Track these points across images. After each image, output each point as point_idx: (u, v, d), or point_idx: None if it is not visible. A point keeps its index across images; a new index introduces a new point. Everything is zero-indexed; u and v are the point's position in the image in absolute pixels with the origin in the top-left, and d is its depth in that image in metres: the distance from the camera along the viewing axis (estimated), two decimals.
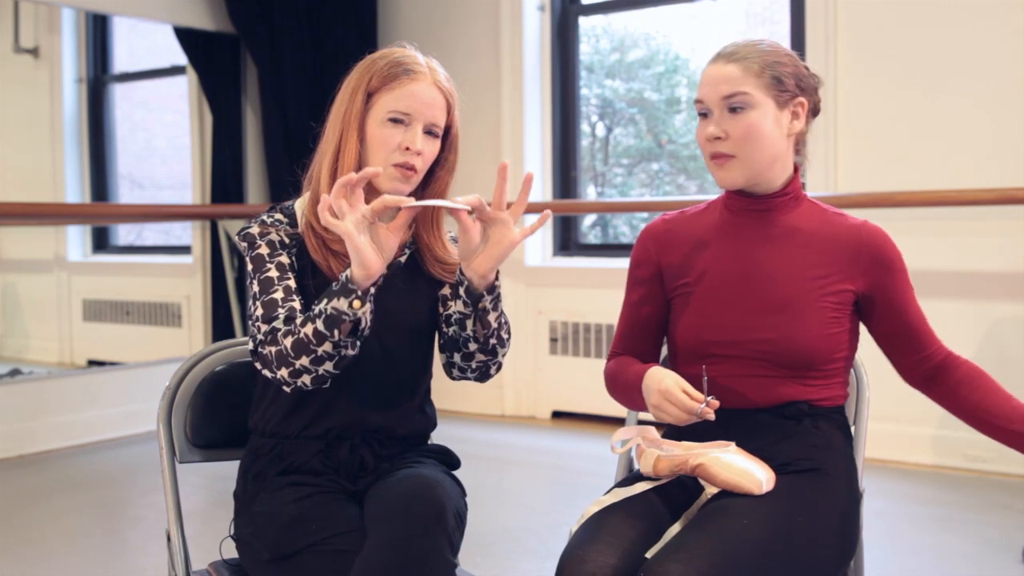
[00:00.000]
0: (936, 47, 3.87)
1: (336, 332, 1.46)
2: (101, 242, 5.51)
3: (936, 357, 1.67)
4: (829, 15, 4.05)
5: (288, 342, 1.50)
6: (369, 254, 1.44)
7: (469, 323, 1.60)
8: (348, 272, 1.47)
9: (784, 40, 4.41)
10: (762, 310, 1.60)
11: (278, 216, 1.64)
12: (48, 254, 5.39)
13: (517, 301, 4.98)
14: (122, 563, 2.99)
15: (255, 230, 1.61)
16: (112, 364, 5.20)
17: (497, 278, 1.58)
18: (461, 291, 1.58)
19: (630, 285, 1.76)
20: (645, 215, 4.94)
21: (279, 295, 1.56)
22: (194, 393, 1.73)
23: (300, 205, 1.66)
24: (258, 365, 1.56)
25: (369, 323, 1.50)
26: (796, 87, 1.62)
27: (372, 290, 1.48)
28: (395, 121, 1.59)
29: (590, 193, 5.33)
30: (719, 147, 1.60)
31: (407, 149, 1.59)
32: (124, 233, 5.64)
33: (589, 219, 5.26)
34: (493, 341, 1.63)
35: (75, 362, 5.33)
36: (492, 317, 1.60)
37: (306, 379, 1.51)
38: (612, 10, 5.12)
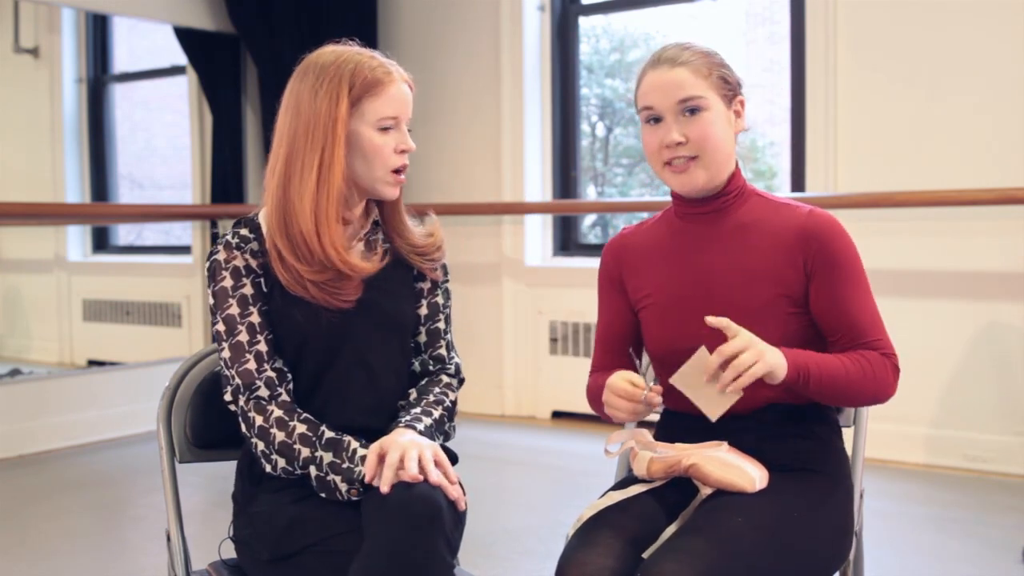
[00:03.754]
0: (936, 47, 3.87)
1: (323, 493, 1.52)
2: (101, 242, 5.51)
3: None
4: (829, 15, 4.05)
5: (278, 436, 1.54)
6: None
7: None
8: (360, 468, 1.49)
9: (784, 40, 4.41)
10: (718, 314, 1.56)
11: (243, 232, 1.61)
12: (48, 254, 5.38)
13: (517, 301, 4.98)
14: (122, 563, 2.99)
15: (220, 256, 1.60)
16: (112, 364, 5.20)
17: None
18: None
19: (600, 302, 1.77)
20: (645, 215, 4.94)
21: (244, 337, 1.57)
22: (194, 393, 1.73)
23: (264, 216, 1.63)
24: (231, 407, 1.59)
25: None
26: (736, 84, 1.63)
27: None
28: (385, 128, 1.60)
29: (590, 193, 5.33)
30: (680, 152, 1.59)
31: (402, 152, 1.61)
32: (124, 233, 5.64)
33: (589, 219, 5.26)
34: None
35: (75, 362, 5.33)
36: None
37: (275, 468, 1.55)
38: (612, 10, 5.12)
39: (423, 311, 1.72)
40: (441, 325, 1.73)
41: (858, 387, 1.54)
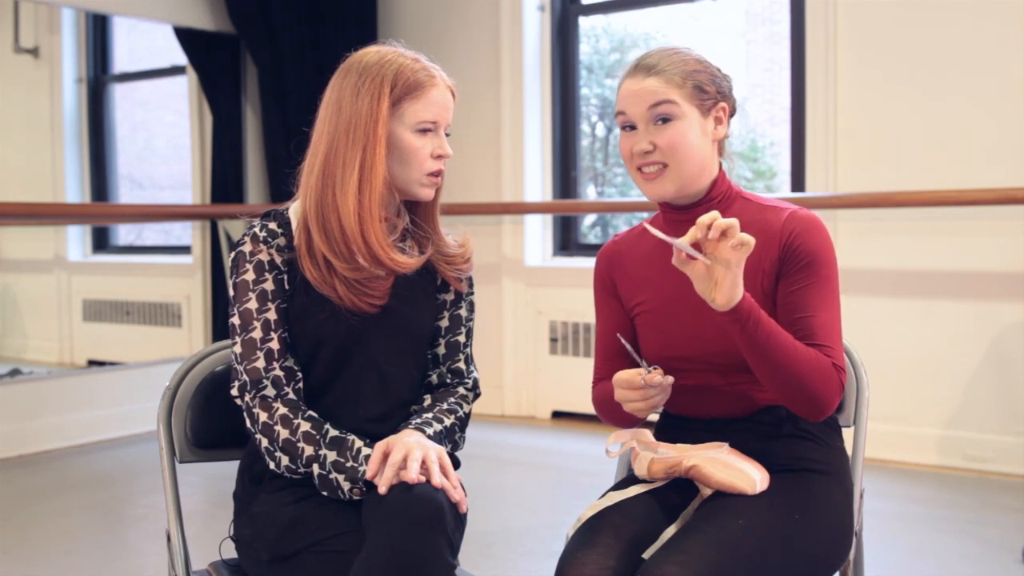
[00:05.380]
0: (936, 47, 3.87)
1: (325, 492, 1.52)
2: (101, 242, 5.51)
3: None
4: (829, 15, 4.05)
5: (282, 433, 1.54)
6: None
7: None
8: (364, 467, 1.49)
9: (784, 40, 4.41)
10: (708, 320, 1.56)
11: (272, 226, 1.61)
12: (48, 254, 5.38)
13: (517, 301, 4.98)
14: (122, 563, 2.99)
15: (246, 248, 1.60)
16: (112, 364, 5.20)
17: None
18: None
19: (596, 310, 1.77)
20: (645, 215, 4.94)
21: (257, 334, 1.57)
22: (194, 393, 1.73)
23: (295, 212, 1.63)
24: (237, 401, 1.59)
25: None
26: (717, 93, 1.62)
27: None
28: (424, 131, 1.60)
29: (590, 193, 5.33)
30: (649, 159, 1.59)
31: (439, 157, 1.61)
32: (124, 233, 5.64)
33: (589, 219, 5.26)
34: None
35: (75, 362, 5.33)
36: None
37: (278, 465, 1.55)
38: (612, 10, 5.12)
39: (444, 323, 1.71)
40: (462, 339, 1.73)
41: (801, 373, 1.47)
